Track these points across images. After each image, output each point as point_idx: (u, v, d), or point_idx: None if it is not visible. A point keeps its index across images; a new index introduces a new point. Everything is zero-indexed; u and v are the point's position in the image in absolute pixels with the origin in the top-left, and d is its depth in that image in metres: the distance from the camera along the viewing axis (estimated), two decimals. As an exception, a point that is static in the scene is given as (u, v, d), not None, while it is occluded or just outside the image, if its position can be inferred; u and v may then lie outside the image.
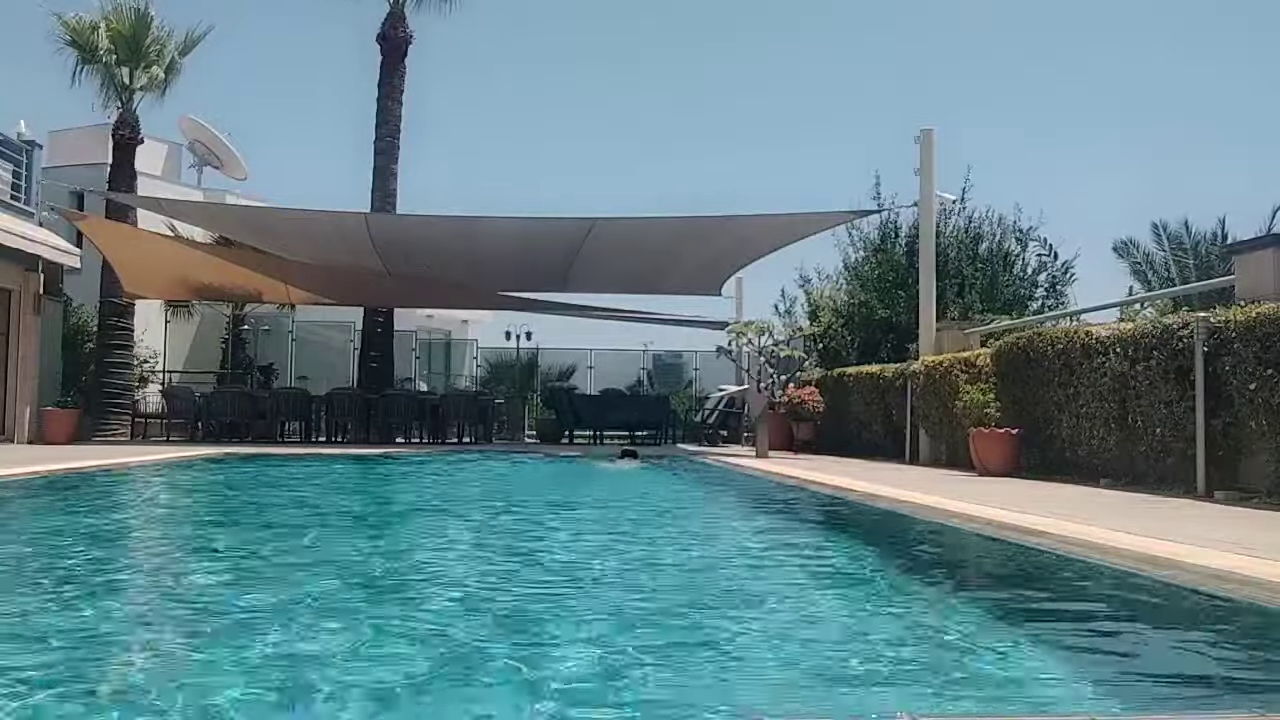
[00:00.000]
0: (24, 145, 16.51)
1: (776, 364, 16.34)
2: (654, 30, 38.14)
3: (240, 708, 2.45)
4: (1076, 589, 4.31)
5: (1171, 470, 7.94)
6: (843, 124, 38.61)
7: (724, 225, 15.20)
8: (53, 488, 8.78)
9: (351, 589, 4.18)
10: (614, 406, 19.61)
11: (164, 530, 6.86)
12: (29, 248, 15.52)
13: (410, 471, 12.16)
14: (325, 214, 15.46)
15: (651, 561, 5.18)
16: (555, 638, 3.25)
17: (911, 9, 35.06)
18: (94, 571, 4.71)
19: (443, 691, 2.66)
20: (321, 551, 5.47)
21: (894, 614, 3.83)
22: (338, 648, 3.08)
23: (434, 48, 25.36)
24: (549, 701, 2.51)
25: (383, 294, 18.58)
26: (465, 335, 27.20)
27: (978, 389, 10.53)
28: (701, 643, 3.25)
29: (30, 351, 16.22)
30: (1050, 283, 16.76)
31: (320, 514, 7.52)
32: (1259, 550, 4.35)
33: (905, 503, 7.02)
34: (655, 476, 11.69)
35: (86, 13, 17.74)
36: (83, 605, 3.79)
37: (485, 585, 4.45)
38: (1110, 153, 34.69)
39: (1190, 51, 32.94)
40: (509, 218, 15.10)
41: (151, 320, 20.28)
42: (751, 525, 7.20)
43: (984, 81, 37.31)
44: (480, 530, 6.71)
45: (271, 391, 18.81)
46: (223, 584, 4.37)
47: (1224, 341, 7.21)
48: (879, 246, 17.56)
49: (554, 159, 42.71)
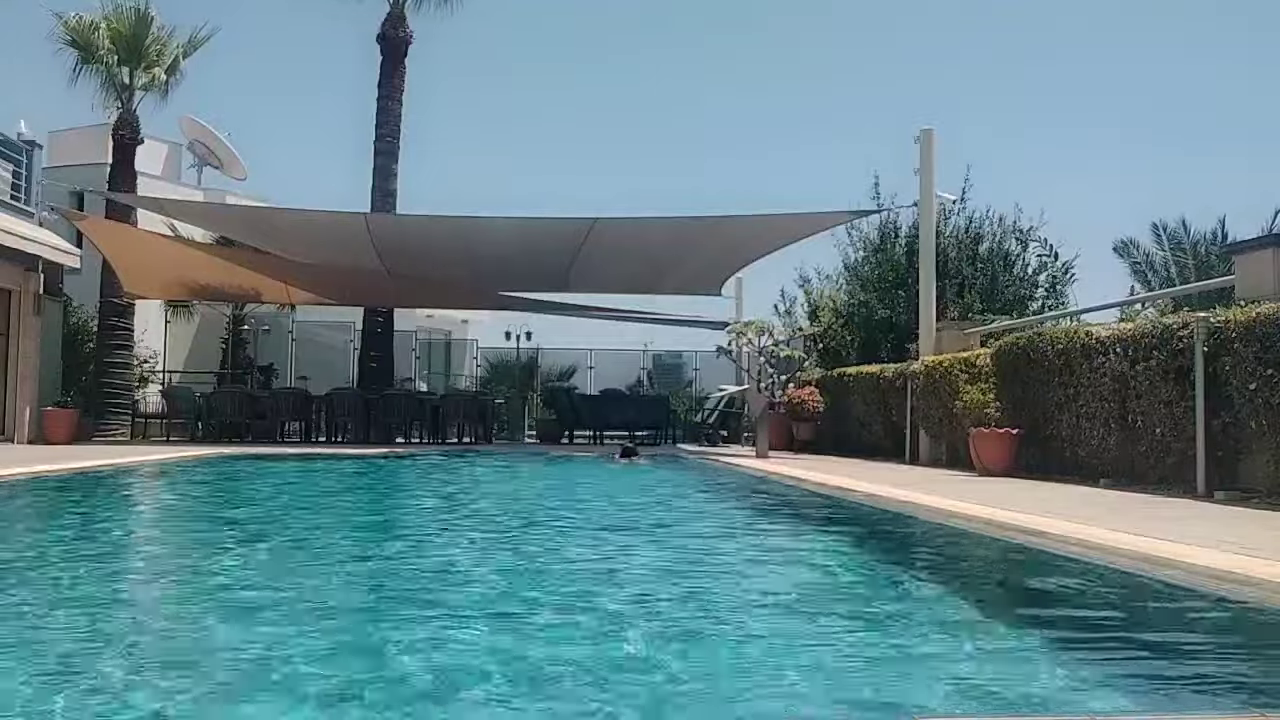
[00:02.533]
0: (24, 145, 16.52)
1: (776, 364, 16.34)
2: (654, 31, 38.18)
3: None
4: (1076, 589, 4.30)
5: (1172, 470, 7.94)
6: (843, 124, 38.64)
7: (724, 225, 15.21)
8: (53, 487, 8.78)
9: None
10: (614, 406, 19.61)
11: (164, 532, 6.86)
12: (29, 248, 15.53)
13: (428, 471, 12.11)
14: (325, 214, 15.47)
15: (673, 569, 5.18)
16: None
17: (911, 9, 35.09)
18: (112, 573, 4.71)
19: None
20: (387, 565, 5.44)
21: (895, 614, 3.83)
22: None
23: (434, 48, 25.37)
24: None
25: (383, 294, 18.58)
26: (465, 335, 27.20)
27: (978, 389, 10.53)
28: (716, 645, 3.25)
29: (30, 351, 16.22)
30: (1050, 283, 16.75)
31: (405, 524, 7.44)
32: (1259, 550, 4.35)
33: (906, 503, 7.02)
34: (665, 477, 11.68)
35: (87, 12, 17.77)
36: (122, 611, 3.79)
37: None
38: (1110, 153, 34.73)
39: (1190, 51, 32.98)
40: (509, 218, 15.11)
41: (151, 320, 20.28)
42: (752, 525, 7.20)
43: (984, 81, 37.34)
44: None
45: (271, 391, 18.80)
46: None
47: (1224, 341, 7.20)
48: (879, 246, 17.55)
49: (554, 159, 42.73)
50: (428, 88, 25.03)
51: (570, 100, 41.86)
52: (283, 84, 37.68)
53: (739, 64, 39.14)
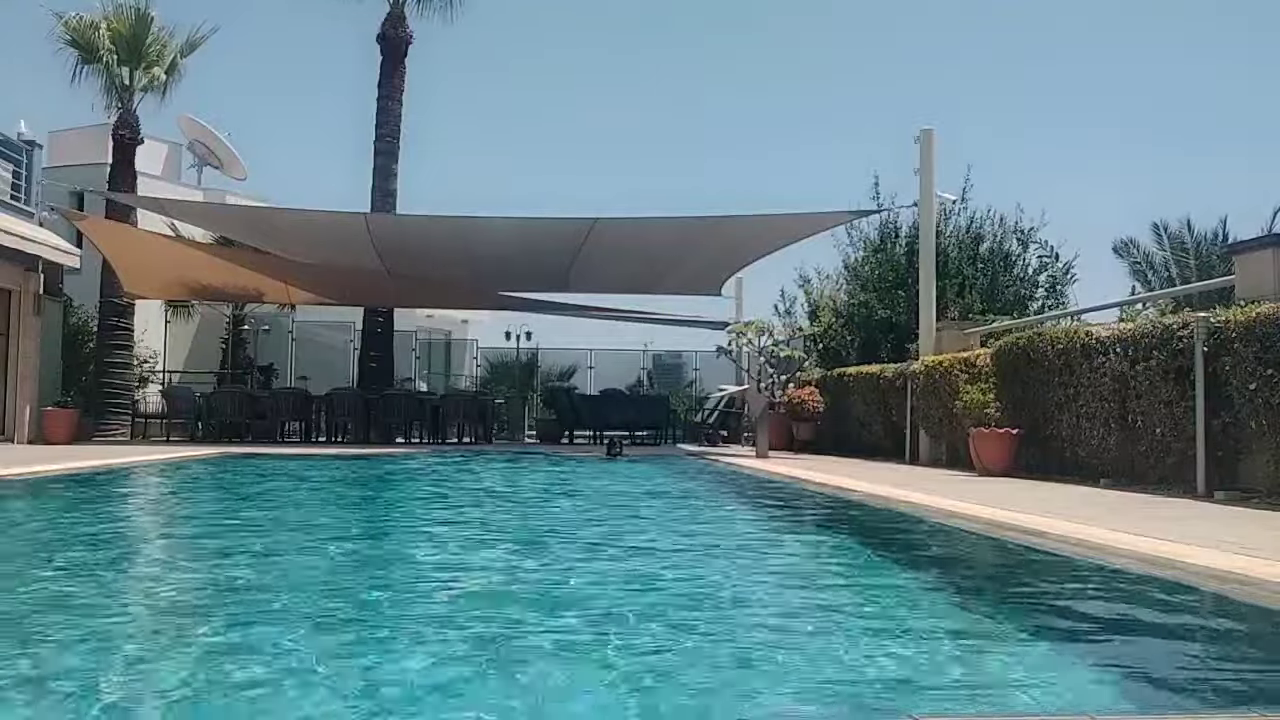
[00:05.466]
0: (24, 145, 16.52)
1: (776, 364, 16.35)
2: (654, 31, 38.18)
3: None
4: (1076, 589, 4.30)
5: (1171, 470, 7.94)
6: (843, 124, 38.67)
7: (724, 225, 15.20)
8: (52, 487, 8.78)
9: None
10: (614, 406, 19.61)
11: (169, 532, 6.86)
12: (29, 248, 15.53)
13: (434, 472, 12.09)
14: (325, 214, 15.46)
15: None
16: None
17: (911, 9, 35.10)
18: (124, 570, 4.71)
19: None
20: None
21: (895, 614, 3.83)
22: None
23: (434, 48, 25.38)
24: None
25: (383, 294, 18.58)
26: (465, 335, 27.20)
27: (978, 389, 10.53)
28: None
29: (30, 351, 16.22)
30: (1051, 283, 16.75)
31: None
32: (1259, 550, 4.35)
33: (906, 503, 7.02)
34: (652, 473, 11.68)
35: (87, 13, 17.76)
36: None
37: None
38: (1110, 153, 34.74)
39: (1190, 51, 32.99)
40: (509, 218, 15.10)
41: (151, 320, 20.28)
42: (751, 526, 7.20)
43: (984, 81, 37.35)
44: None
45: (271, 391, 18.80)
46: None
47: (1224, 341, 7.20)
48: (879, 246, 17.55)
49: (554, 159, 42.75)
50: (428, 88, 25.04)
51: (570, 100, 41.90)
52: (283, 84, 37.74)
53: (739, 64, 39.19)
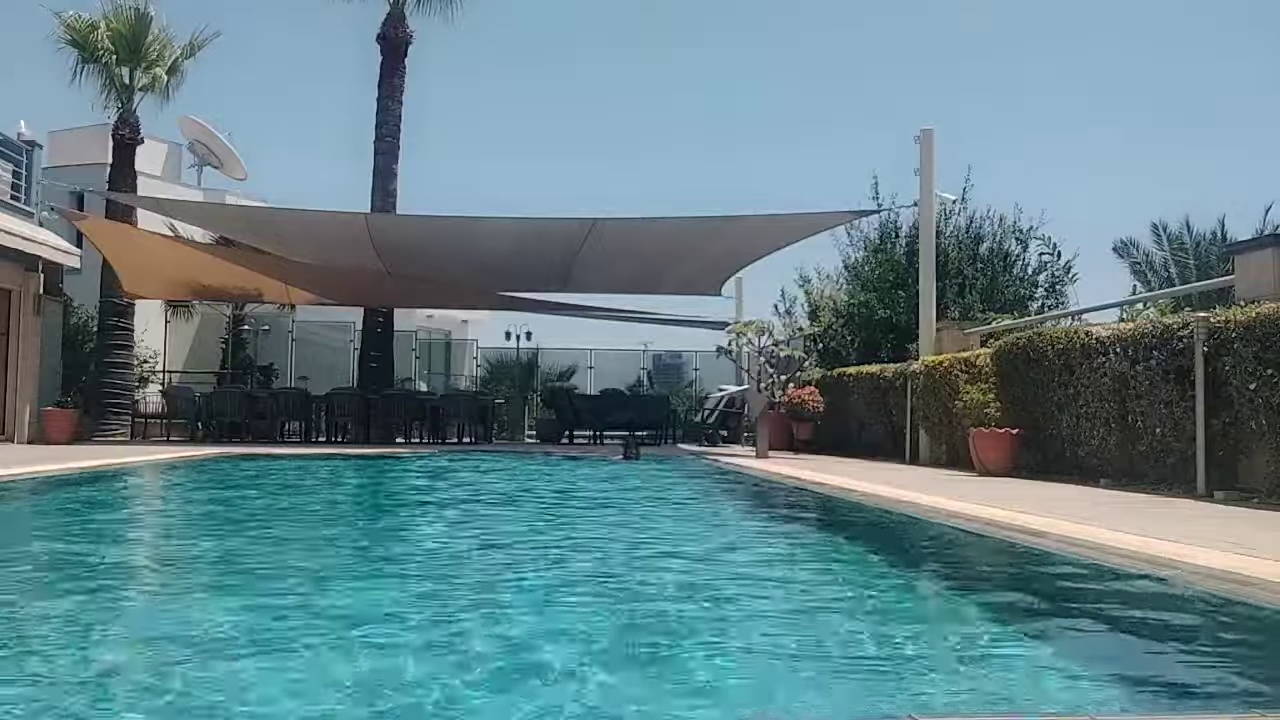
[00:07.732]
0: (24, 145, 16.51)
1: (776, 364, 16.33)
2: (653, 31, 38.13)
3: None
4: (1076, 589, 4.30)
5: (1171, 470, 7.94)
6: (843, 124, 38.66)
7: (724, 225, 15.20)
8: (54, 486, 8.78)
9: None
10: (614, 406, 19.62)
11: (167, 535, 6.86)
12: (29, 248, 15.52)
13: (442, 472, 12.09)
14: (325, 214, 15.46)
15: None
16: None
17: (911, 9, 35.09)
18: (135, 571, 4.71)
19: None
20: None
21: (895, 614, 3.83)
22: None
23: (434, 48, 25.38)
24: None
25: (383, 294, 18.57)
26: (465, 335, 27.20)
27: (978, 389, 10.53)
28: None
29: (30, 351, 16.21)
30: (1051, 283, 16.74)
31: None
32: (1259, 550, 4.35)
33: (906, 503, 7.02)
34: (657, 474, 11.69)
35: (87, 12, 17.76)
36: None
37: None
38: (1110, 153, 34.72)
39: (1191, 51, 32.98)
40: (509, 218, 15.11)
41: (151, 320, 20.27)
42: (752, 526, 7.20)
43: (984, 81, 37.34)
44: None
45: (271, 391, 18.81)
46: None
47: (1224, 341, 7.20)
48: (879, 246, 17.55)
49: (554, 159, 42.73)
50: (428, 88, 25.06)
51: (570, 100, 41.89)
52: (283, 84, 37.68)
53: (739, 64, 39.17)
